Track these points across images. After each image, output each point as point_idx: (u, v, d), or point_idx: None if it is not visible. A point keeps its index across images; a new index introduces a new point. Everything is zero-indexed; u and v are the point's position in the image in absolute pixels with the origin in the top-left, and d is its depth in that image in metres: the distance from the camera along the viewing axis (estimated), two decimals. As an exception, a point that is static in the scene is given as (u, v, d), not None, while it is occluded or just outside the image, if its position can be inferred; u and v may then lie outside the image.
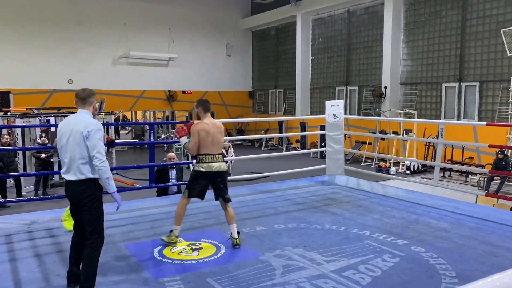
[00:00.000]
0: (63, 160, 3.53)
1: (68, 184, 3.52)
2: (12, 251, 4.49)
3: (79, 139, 3.43)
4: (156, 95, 20.87)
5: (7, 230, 5.16)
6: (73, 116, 3.58)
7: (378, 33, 16.18)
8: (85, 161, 3.45)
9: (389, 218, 5.67)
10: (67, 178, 3.50)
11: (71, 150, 3.44)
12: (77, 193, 3.49)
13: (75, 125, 3.48)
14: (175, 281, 3.74)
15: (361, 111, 16.93)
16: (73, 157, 3.44)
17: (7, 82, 16.74)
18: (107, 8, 19.24)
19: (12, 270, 4.02)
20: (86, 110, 3.60)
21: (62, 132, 3.52)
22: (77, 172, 3.45)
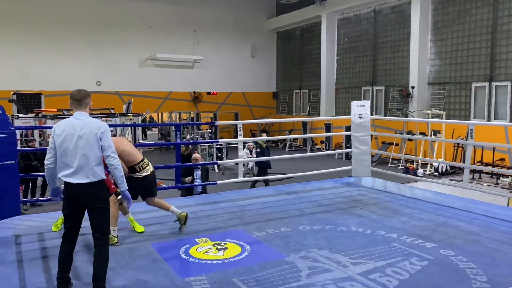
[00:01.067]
0: (66, 164, 3.43)
1: (77, 187, 3.42)
2: (43, 249, 4.62)
3: (93, 140, 3.43)
4: (181, 97, 21.11)
5: (39, 228, 5.31)
6: (74, 119, 3.50)
7: (405, 32, 15.92)
8: (98, 163, 3.48)
9: (417, 221, 5.56)
10: (75, 181, 3.41)
11: (83, 152, 3.40)
12: (91, 195, 3.45)
13: (83, 127, 3.44)
14: (201, 281, 3.77)
15: (388, 112, 16.68)
16: (86, 160, 3.41)
17: (38, 85, 17.25)
18: (134, 11, 19.59)
19: (43, 267, 4.13)
20: (83, 111, 3.55)
21: (65, 135, 3.43)
22: (90, 174, 3.42)
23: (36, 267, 4.13)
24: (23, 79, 17.38)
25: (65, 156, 3.43)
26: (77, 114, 3.52)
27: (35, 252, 4.52)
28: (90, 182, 3.43)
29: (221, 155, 14.70)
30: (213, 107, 21.90)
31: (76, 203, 3.49)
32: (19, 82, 17.04)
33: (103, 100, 17.93)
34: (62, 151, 3.44)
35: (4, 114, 5.14)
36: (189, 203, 6.64)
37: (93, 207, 3.48)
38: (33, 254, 4.46)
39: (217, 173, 13.46)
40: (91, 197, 3.46)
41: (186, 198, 7.25)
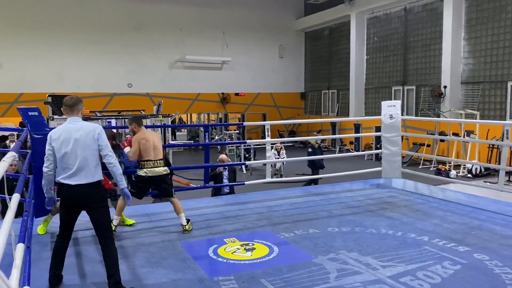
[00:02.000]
0: (65, 167, 3.53)
1: (77, 188, 3.51)
2: (77, 246, 4.75)
3: (91, 142, 3.56)
4: (210, 98, 21.31)
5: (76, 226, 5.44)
6: (69, 124, 3.62)
7: (437, 30, 15.55)
8: (97, 163, 3.61)
9: (450, 224, 5.42)
10: (74, 182, 3.50)
11: (81, 154, 3.51)
12: (91, 195, 3.57)
13: (79, 131, 3.57)
14: (229, 280, 3.80)
15: (419, 112, 16.33)
16: (85, 161, 3.52)
17: (72, 87, 17.77)
18: (164, 14, 19.92)
19: (77, 264, 4.25)
20: (76, 116, 3.68)
21: (62, 140, 3.53)
22: (89, 175, 3.53)
23: (69, 264, 4.25)
24: (58, 81, 17.96)
25: (64, 160, 3.53)
26: (70, 119, 3.67)
27: (69, 249, 4.65)
28: (89, 182, 3.54)
29: (249, 156, 14.75)
30: (241, 108, 22.00)
31: (74, 203, 3.59)
32: (54, 85, 17.61)
33: (134, 102, 18.32)
34: (60, 155, 3.54)
35: (41, 116, 5.31)
36: (217, 203, 6.70)
37: (93, 206, 3.60)
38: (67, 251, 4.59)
39: (244, 173, 13.51)
40: (90, 197, 3.57)
41: (214, 198, 7.31)
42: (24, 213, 3.77)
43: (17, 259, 2.45)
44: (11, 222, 2.32)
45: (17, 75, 17.50)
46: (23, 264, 2.92)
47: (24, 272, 2.99)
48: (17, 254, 2.54)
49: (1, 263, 1.87)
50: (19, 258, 2.49)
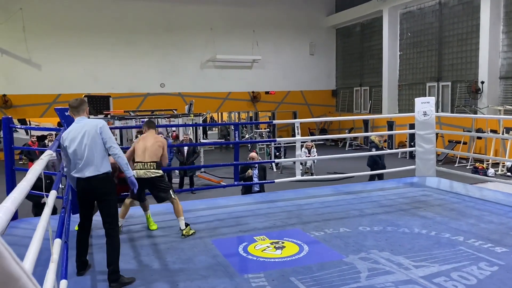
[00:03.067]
0: (75, 162, 3.79)
1: (86, 181, 3.77)
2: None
3: (95, 136, 3.79)
4: (240, 97, 21.41)
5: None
6: (75, 124, 3.89)
7: (474, 24, 15.05)
8: (102, 156, 3.83)
9: (486, 224, 5.24)
10: (84, 175, 3.76)
11: (90, 149, 3.75)
12: (101, 187, 3.81)
13: (84, 127, 3.81)
14: (259, 278, 3.81)
15: (455, 108, 15.86)
16: (92, 155, 3.76)
17: (107, 87, 18.26)
18: (195, 14, 20.15)
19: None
20: (82, 116, 3.95)
21: (71, 138, 3.80)
22: (96, 168, 3.77)
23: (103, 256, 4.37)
24: (93, 82, 18.50)
25: (73, 156, 3.80)
26: (77, 119, 3.94)
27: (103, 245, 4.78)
28: (97, 175, 3.78)
29: (279, 154, 14.73)
30: (271, 106, 22.00)
31: (85, 195, 3.88)
32: (90, 85, 18.16)
33: (167, 101, 18.65)
34: (71, 152, 3.80)
35: (76, 116, 5.47)
36: (248, 201, 6.73)
37: (101, 198, 3.85)
38: (102, 247, 4.72)
39: (275, 172, 13.50)
40: (100, 189, 3.83)
41: (244, 196, 7.35)
42: (62, 209, 3.91)
43: (55, 253, 2.55)
44: (48, 218, 2.41)
45: (56, 76, 18.13)
46: (60, 259, 3.03)
47: (62, 266, 3.11)
48: (54, 249, 2.64)
49: (39, 258, 1.95)
50: (56, 253, 2.59)
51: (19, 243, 4.56)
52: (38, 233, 1.97)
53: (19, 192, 1.61)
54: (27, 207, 6.69)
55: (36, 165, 2.51)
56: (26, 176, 2.06)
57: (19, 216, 5.78)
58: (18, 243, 4.69)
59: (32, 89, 17.88)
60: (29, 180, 1.93)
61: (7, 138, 5.71)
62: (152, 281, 3.84)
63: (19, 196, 1.55)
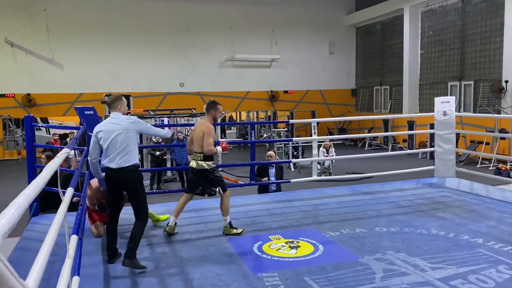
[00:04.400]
0: (108, 154, 4.07)
1: (116, 171, 4.04)
2: (125, 238, 4.95)
3: (128, 131, 4.07)
4: (259, 96, 21.42)
5: (124, 220, 5.69)
6: (110, 118, 4.19)
7: (498, 22, 14.70)
8: (132, 149, 4.09)
9: (507, 226, 5.12)
10: (114, 166, 4.02)
11: (122, 143, 4.03)
12: (129, 178, 4.09)
13: (118, 122, 4.10)
14: (273, 277, 3.81)
15: (478, 108, 15.53)
16: (124, 148, 4.04)
17: (128, 86, 18.53)
18: (214, 14, 20.25)
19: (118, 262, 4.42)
20: (116, 112, 4.22)
21: (105, 131, 4.09)
22: (125, 160, 4.04)
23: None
24: (114, 82, 18.80)
25: (108, 148, 4.08)
26: (112, 114, 4.23)
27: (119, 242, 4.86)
28: (127, 166, 4.05)
29: (297, 153, 14.69)
30: (290, 105, 21.94)
31: (114, 184, 4.16)
32: (111, 85, 18.45)
33: (186, 101, 18.81)
34: (105, 145, 4.08)
35: (96, 115, 5.58)
36: (264, 200, 6.73)
37: (129, 187, 4.14)
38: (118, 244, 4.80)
39: (292, 171, 13.47)
40: (130, 179, 4.10)
41: (261, 195, 7.35)
42: (79, 207, 3.99)
43: (71, 249, 2.60)
44: (64, 215, 2.46)
45: (77, 76, 18.50)
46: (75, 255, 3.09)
47: (75, 263, 3.17)
48: (71, 245, 2.69)
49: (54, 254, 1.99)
50: (72, 249, 2.65)
51: (40, 239, 4.67)
52: (53, 229, 2.01)
53: (33, 188, 1.65)
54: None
55: (52, 162, 2.57)
56: (41, 173, 2.11)
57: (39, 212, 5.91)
58: (38, 238, 4.80)
59: (55, 89, 18.28)
60: (44, 177, 1.98)
61: (29, 136, 5.85)
62: (166, 278, 3.88)
63: (33, 192, 1.59)
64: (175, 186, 11.91)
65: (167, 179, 12.51)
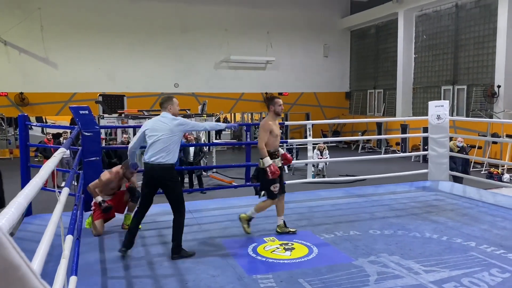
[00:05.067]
0: (150, 148, 4.28)
1: (155, 167, 4.25)
2: (122, 239, 4.94)
3: (173, 132, 4.31)
4: (253, 97, 21.43)
5: (119, 220, 5.68)
6: (160, 117, 4.43)
7: (491, 27, 14.84)
8: (174, 149, 4.33)
9: (500, 230, 5.17)
10: (155, 162, 4.23)
11: (166, 141, 4.26)
12: (167, 174, 4.30)
13: (165, 122, 4.35)
14: (267, 279, 3.82)
15: (470, 112, 15.66)
16: (166, 147, 4.26)
17: (121, 86, 18.46)
18: (209, 15, 20.24)
19: (122, 256, 4.42)
20: (165, 112, 4.46)
21: (151, 130, 4.35)
22: (167, 157, 4.27)
23: (115, 253, 4.43)
24: (109, 81, 18.70)
25: (150, 145, 4.32)
26: (162, 114, 4.48)
27: (115, 242, 4.85)
28: (164, 163, 4.26)
29: (291, 155, 14.69)
30: (284, 107, 21.81)
31: (152, 180, 4.35)
32: (105, 84, 18.37)
33: (180, 101, 18.46)
34: (149, 142, 4.32)
35: (90, 114, 5.56)
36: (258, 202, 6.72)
37: (167, 183, 4.33)
38: (113, 244, 4.79)
39: (287, 173, 13.48)
40: (167, 176, 4.31)
41: (256, 197, 7.34)
42: (74, 207, 3.97)
43: (66, 249, 2.59)
44: (60, 215, 2.45)
45: (71, 75, 18.39)
46: (72, 255, 3.08)
47: (73, 262, 3.16)
48: (66, 245, 2.68)
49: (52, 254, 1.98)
50: (67, 249, 2.64)
51: (33, 239, 4.64)
52: (49, 229, 2.01)
53: (31, 188, 1.65)
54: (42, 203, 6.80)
55: (49, 162, 2.56)
56: (39, 172, 2.11)
57: (33, 212, 5.88)
58: (31, 238, 4.77)
59: (48, 88, 18.16)
60: (42, 176, 1.97)
61: (22, 135, 5.82)
62: (161, 279, 3.87)
63: (31, 192, 1.58)
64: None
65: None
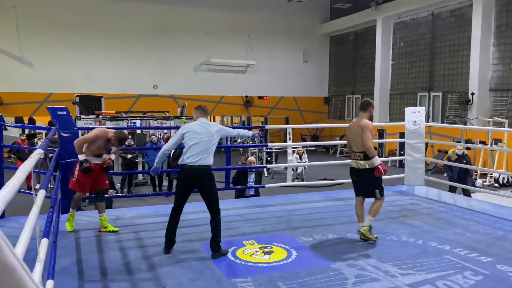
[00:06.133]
0: (190, 151, 4.46)
1: (196, 169, 4.44)
2: (100, 244, 4.87)
3: (213, 138, 4.57)
4: (233, 101, 21.45)
5: (96, 224, 5.59)
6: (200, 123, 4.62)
7: (465, 36, 15.26)
8: (209, 154, 4.54)
9: (473, 233, 5.31)
10: (197, 164, 4.42)
11: (204, 145, 4.49)
12: (206, 176, 4.51)
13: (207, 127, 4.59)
14: (246, 282, 3.82)
15: (445, 119, 16.04)
16: (206, 150, 4.48)
17: (99, 87, 18.21)
18: (190, 17, 20.19)
19: (99, 261, 4.36)
20: (204, 118, 4.69)
21: (193, 131, 4.54)
22: (207, 160, 4.49)
23: (92, 256, 4.36)
24: (86, 82, 18.43)
25: (193, 146, 4.48)
26: (199, 119, 4.66)
27: (92, 246, 4.77)
28: (207, 165, 4.50)
29: (271, 159, 14.76)
30: (264, 111, 22.05)
31: (189, 180, 4.52)
32: (82, 85, 18.09)
33: (159, 103, 18.61)
34: (189, 142, 4.50)
35: (69, 115, 5.46)
36: (238, 205, 6.73)
37: (204, 184, 4.51)
38: (90, 248, 4.71)
39: (266, 177, 13.52)
40: (205, 177, 4.51)
41: (235, 200, 7.35)
42: (50, 209, 3.89)
43: (41, 253, 2.54)
44: (36, 218, 2.40)
45: (48, 75, 18.04)
46: (49, 259, 3.02)
47: (49, 266, 3.09)
48: (41, 248, 2.63)
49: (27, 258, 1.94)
50: (43, 252, 2.58)
51: (6, 242, 4.52)
52: (25, 232, 1.96)
53: (8, 190, 1.61)
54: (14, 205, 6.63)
55: (26, 163, 2.50)
56: (15, 174, 2.06)
57: (6, 215, 5.73)
58: (4, 242, 4.64)
59: (23, 88, 17.76)
60: (19, 178, 1.93)
61: (-4, 136, 5.67)
62: (139, 283, 3.83)
63: (9, 194, 1.55)
64: (146, 190, 11.75)
65: (138, 183, 12.33)
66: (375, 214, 4.98)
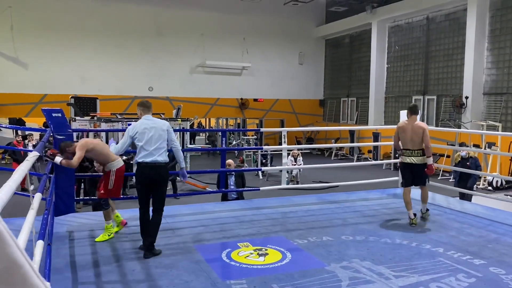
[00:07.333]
0: (144, 149, 4.47)
1: (152, 166, 4.45)
2: (93, 245, 4.86)
3: (163, 133, 4.59)
4: (229, 103, 21.46)
5: (90, 225, 5.59)
6: (145, 120, 4.63)
7: (460, 40, 15.38)
8: (165, 149, 4.60)
9: (466, 236, 5.35)
10: (151, 160, 4.43)
11: (157, 141, 4.51)
12: (162, 173, 4.55)
13: (154, 124, 4.61)
14: (241, 284, 3.83)
15: (439, 122, 16.14)
16: (159, 146, 4.50)
17: (94, 89, 18.16)
18: (186, 19, 20.20)
19: (93, 262, 4.35)
20: (150, 114, 4.74)
21: (141, 130, 4.54)
22: (161, 157, 4.50)
23: (86, 259, 4.36)
24: (81, 83, 18.38)
25: (145, 145, 4.51)
26: (146, 116, 4.69)
27: (86, 248, 4.77)
28: (163, 162, 4.52)
29: (266, 161, 14.78)
30: (259, 113, 22.08)
31: (146, 177, 4.52)
32: (77, 87, 18.03)
33: (154, 105, 18.41)
34: (141, 142, 4.50)
35: (63, 117, 5.46)
36: (233, 207, 6.74)
37: (160, 182, 4.55)
38: (84, 250, 4.71)
39: (261, 179, 13.54)
40: (162, 174, 4.55)
41: (230, 202, 7.36)
42: (45, 211, 3.89)
43: (37, 255, 2.54)
44: (33, 220, 2.41)
45: (42, 76, 17.98)
46: (44, 261, 3.02)
47: (45, 268, 3.09)
48: (36, 250, 2.63)
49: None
50: (38, 254, 2.59)
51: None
52: (22, 235, 1.97)
53: (5, 192, 1.62)
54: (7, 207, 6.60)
55: (23, 165, 2.51)
56: (12, 176, 2.07)
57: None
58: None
59: (18, 88, 17.69)
60: (16, 180, 1.94)
61: (-9, 137, 5.65)
62: (133, 285, 3.83)
63: (5, 196, 1.56)
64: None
65: (133, 185, 12.30)
66: (427, 200, 6.13)
